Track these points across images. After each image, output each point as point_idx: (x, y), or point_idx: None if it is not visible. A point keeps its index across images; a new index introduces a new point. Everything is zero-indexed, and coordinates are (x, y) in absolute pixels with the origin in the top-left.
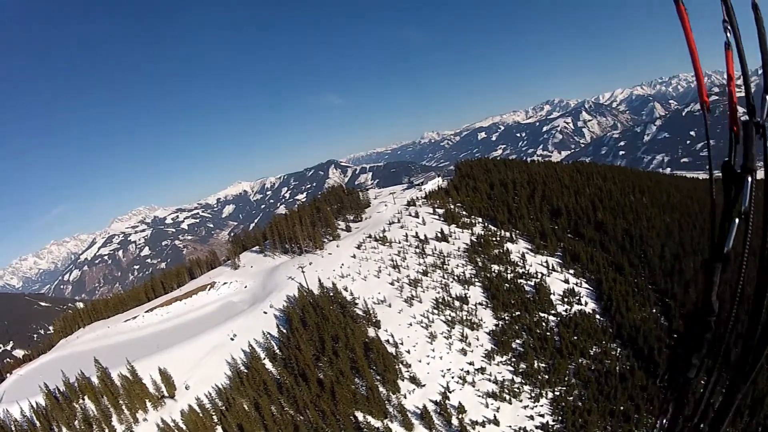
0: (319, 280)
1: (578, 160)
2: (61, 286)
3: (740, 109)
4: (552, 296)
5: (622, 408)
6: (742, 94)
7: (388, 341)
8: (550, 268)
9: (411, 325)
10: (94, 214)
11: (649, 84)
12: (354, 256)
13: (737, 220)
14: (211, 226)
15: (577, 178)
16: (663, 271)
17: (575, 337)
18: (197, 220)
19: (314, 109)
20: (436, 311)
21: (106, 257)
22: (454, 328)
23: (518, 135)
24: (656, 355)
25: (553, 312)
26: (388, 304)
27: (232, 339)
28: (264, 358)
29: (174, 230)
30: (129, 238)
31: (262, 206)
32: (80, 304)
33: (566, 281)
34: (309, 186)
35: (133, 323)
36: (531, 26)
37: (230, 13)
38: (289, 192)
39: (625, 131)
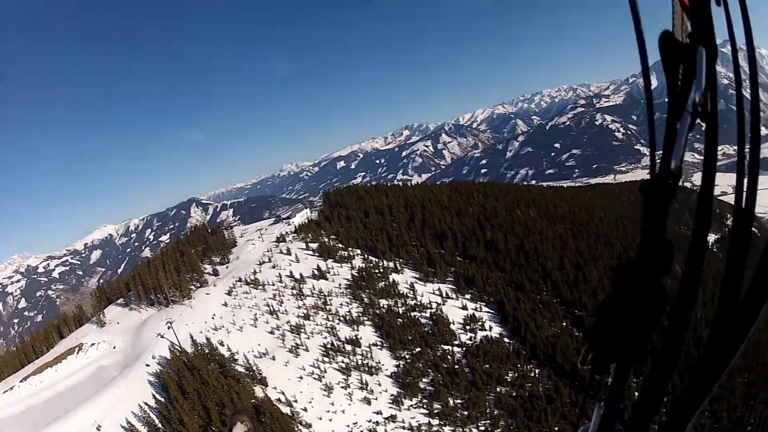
0: (191, 336)
1: (439, 181)
2: None
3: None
4: (452, 326)
5: (557, 429)
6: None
7: (279, 400)
8: (444, 295)
9: (302, 378)
10: None
11: (511, 102)
12: (225, 304)
13: (688, 117)
14: (81, 273)
15: (456, 198)
16: (566, 282)
17: (487, 366)
18: (67, 268)
19: (174, 146)
20: (326, 359)
21: None
22: (350, 375)
23: (377, 161)
24: (579, 369)
25: (456, 342)
26: (272, 357)
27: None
28: None
29: (46, 279)
30: (6, 290)
31: (128, 249)
32: None
33: (464, 308)
34: (172, 226)
35: (11, 395)
36: (388, 51)
37: (90, 46)
38: (153, 234)
39: (486, 149)
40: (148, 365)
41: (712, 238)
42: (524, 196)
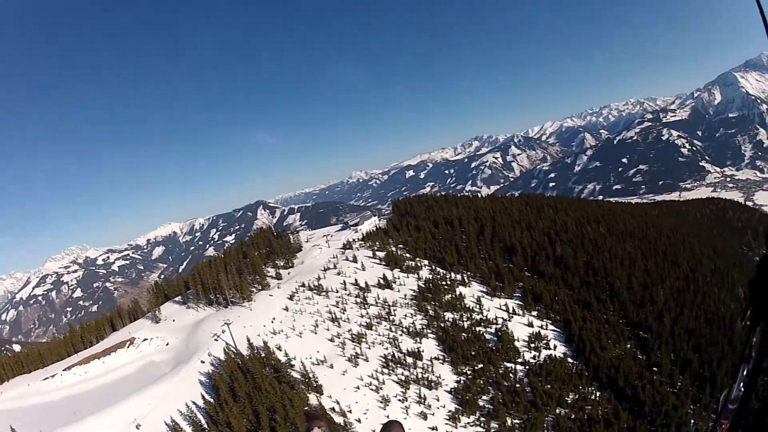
0: (248, 339)
1: (508, 193)
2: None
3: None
4: (517, 343)
5: None
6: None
7: (333, 409)
8: (511, 311)
9: (358, 388)
10: (28, 251)
11: (579, 116)
12: (286, 309)
13: None
14: (141, 268)
15: (526, 211)
16: (633, 303)
17: (548, 386)
18: (128, 262)
19: (246, 148)
20: (386, 370)
21: (40, 298)
22: (409, 388)
23: (446, 172)
24: (640, 394)
25: (519, 360)
26: (330, 365)
27: (137, 428)
28: None
29: (105, 272)
30: (62, 279)
31: (192, 248)
32: (17, 347)
33: (530, 325)
34: (238, 227)
35: (51, 382)
36: (460, 64)
37: (164, 47)
38: (218, 234)
39: (555, 163)
40: (203, 362)
41: None
42: (594, 212)
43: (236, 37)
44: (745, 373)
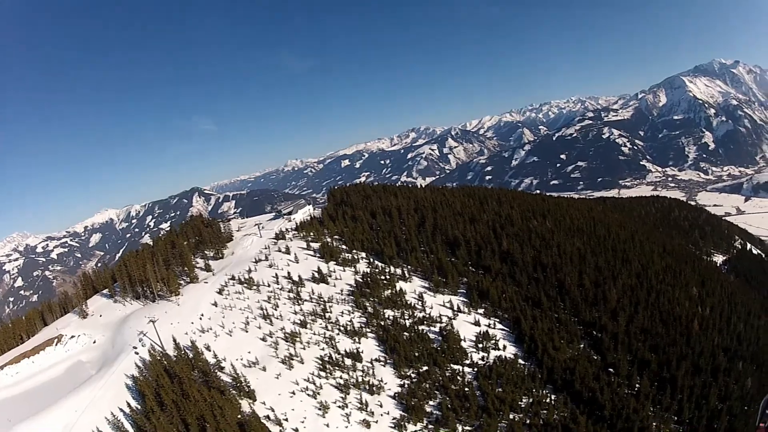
0: (174, 339)
1: (443, 185)
2: None
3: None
4: (463, 343)
5: None
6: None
7: (268, 417)
8: (456, 309)
9: (294, 393)
10: None
11: (519, 111)
12: (215, 304)
13: None
14: (79, 255)
15: (469, 203)
16: (585, 301)
17: (500, 389)
18: (66, 250)
19: (183, 134)
20: (323, 373)
21: None
22: (349, 393)
23: (382, 162)
24: (598, 397)
25: (467, 362)
26: (262, 367)
27: None
28: None
29: (44, 260)
30: (3, 267)
31: (128, 235)
32: None
33: (477, 323)
34: (173, 214)
35: None
36: (399, 52)
37: (104, 35)
38: (153, 221)
39: (492, 156)
40: (124, 369)
41: (720, 258)
42: (540, 206)
43: (174, 24)
44: None
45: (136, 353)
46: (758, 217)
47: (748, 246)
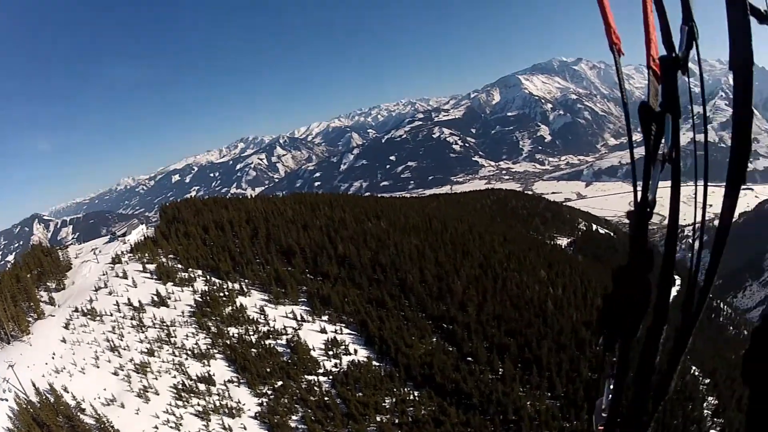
0: (33, 383)
1: (272, 194)
2: None
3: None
4: (313, 352)
5: None
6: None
7: None
8: (299, 319)
9: (157, 428)
10: None
11: (348, 116)
12: (64, 340)
13: (659, 164)
14: None
15: (301, 210)
16: (430, 296)
17: (360, 394)
18: None
19: (18, 155)
20: (180, 402)
21: None
22: (210, 420)
23: (212, 175)
24: (463, 386)
25: (321, 371)
26: (120, 404)
27: None
28: None
29: None
30: None
31: None
32: None
33: (323, 331)
34: (17, 245)
35: None
36: (222, 61)
37: None
38: (0, 252)
39: (320, 162)
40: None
41: (564, 241)
42: (372, 207)
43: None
44: (611, 387)
45: (6, 403)
46: (601, 199)
47: (594, 227)
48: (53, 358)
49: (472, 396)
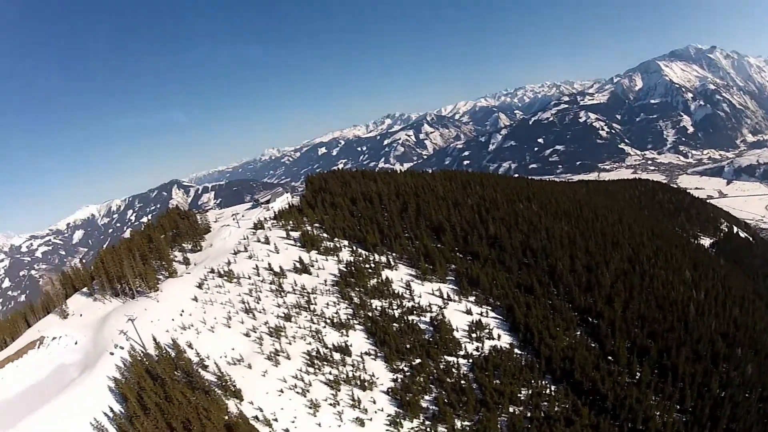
0: (154, 338)
1: (421, 171)
2: None
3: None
4: (456, 333)
5: None
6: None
7: (257, 418)
8: (445, 297)
9: (282, 392)
10: None
11: (494, 96)
12: (196, 299)
13: None
14: (63, 253)
15: (451, 187)
16: (578, 286)
17: (497, 381)
18: (50, 248)
19: (158, 126)
20: (311, 369)
21: None
22: (340, 390)
23: (359, 149)
24: (600, 387)
25: (461, 353)
26: (248, 365)
27: None
28: None
29: (29, 259)
30: None
31: (110, 230)
32: None
33: (468, 312)
34: (154, 208)
35: None
36: (372, 38)
37: (82, 32)
38: (134, 215)
39: (468, 141)
40: (106, 371)
41: (707, 242)
42: (524, 189)
43: (145, 19)
44: None
45: (117, 355)
46: (741, 200)
47: (734, 229)
48: (181, 315)
49: (607, 398)
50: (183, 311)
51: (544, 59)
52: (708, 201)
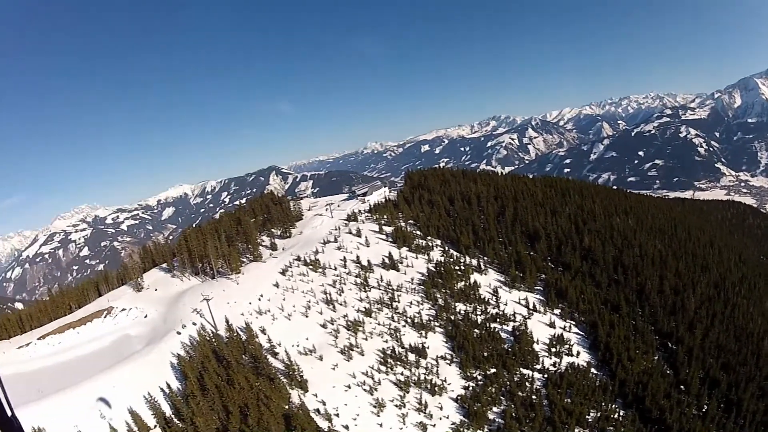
0: (226, 320)
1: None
2: (4, 284)
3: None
4: (536, 345)
5: None
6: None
7: (318, 411)
8: (531, 307)
9: (350, 387)
10: (38, 209)
11: (598, 104)
12: (277, 285)
13: None
14: (150, 228)
15: (551, 194)
16: (663, 309)
17: (568, 400)
18: (137, 222)
19: (262, 115)
20: (383, 368)
21: (47, 256)
22: (408, 392)
23: (462, 149)
24: (667, 417)
25: (538, 367)
26: (319, 356)
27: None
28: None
29: (113, 231)
30: (70, 237)
31: (202, 210)
32: (19, 305)
33: (552, 325)
34: (249, 191)
35: (25, 352)
36: (482, 42)
37: (185, 18)
38: (228, 197)
39: (571, 149)
40: (179, 332)
41: None
42: (622, 202)
43: (256, 10)
44: None
45: (186, 332)
46: None
47: None
48: (260, 299)
49: (671, 430)
50: (262, 296)
51: (650, 69)
52: None
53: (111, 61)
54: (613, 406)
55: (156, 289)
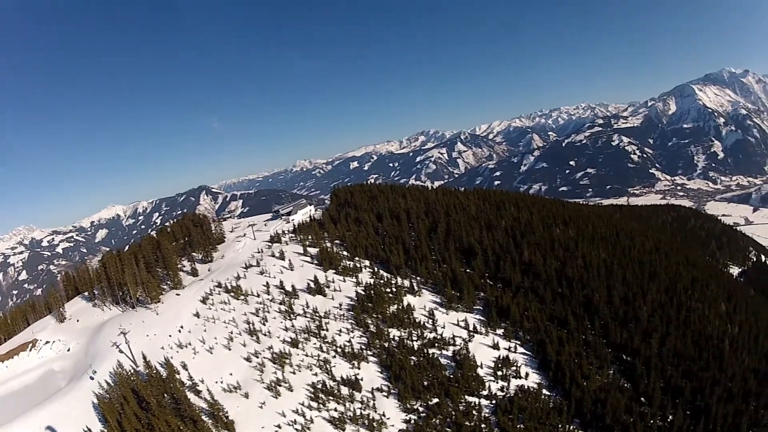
0: (144, 356)
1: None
2: None
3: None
4: (480, 370)
5: None
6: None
7: None
8: (471, 329)
9: (280, 427)
10: None
11: (528, 116)
12: (198, 315)
13: None
14: (85, 251)
15: (485, 207)
16: (615, 320)
17: (521, 426)
18: (72, 244)
19: (191, 132)
20: (314, 404)
21: None
22: (344, 429)
23: (391, 165)
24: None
25: (484, 393)
26: (245, 393)
27: None
28: None
29: (50, 254)
30: (8, 261)
31: (134, 232)
32: None
33: (495, 346)
34: (180, 212)
35: None
36: (408, 55)
37: (114, 34)
38: (160, 218)
39: (501, 161)
40: (92, 377)
41: (735, 271)
42: (560, 212)
43: (180, 22)
44: None
45: (91, 378)
46: (767, 228)
47: (763, 258)
48: (180, 331)
49: None
50: (182, 327)
51: (581, 81)
52: (735, 227)
53: (41, 79)
54: (571, 427)
55: (78, 320)
